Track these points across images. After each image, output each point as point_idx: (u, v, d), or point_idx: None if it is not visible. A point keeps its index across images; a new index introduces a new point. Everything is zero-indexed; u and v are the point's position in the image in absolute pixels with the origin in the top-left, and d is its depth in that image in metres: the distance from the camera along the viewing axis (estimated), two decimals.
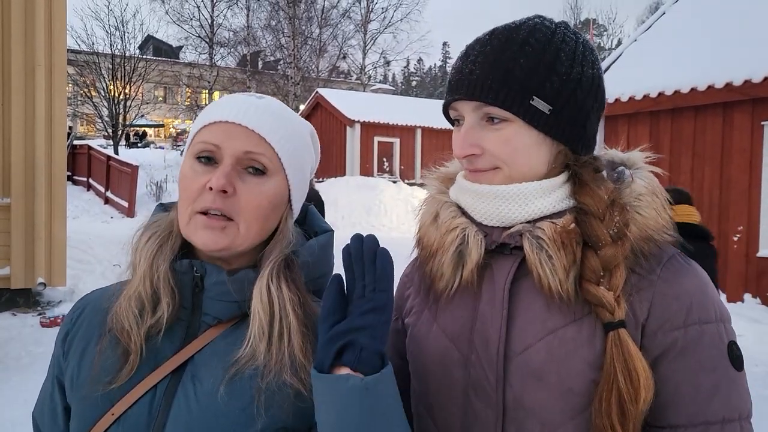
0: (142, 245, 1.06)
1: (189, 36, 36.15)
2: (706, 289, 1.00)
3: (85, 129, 39.90)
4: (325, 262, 1.12)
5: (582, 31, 60.59)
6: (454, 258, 1.08)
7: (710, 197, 8.52)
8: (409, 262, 1.29)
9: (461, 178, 1.14)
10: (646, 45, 10.18)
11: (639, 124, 9.37)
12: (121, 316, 1.02)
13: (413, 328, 1.17)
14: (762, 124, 7.98)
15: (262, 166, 1.02)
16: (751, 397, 1.01)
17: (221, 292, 1.02)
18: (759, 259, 8.02)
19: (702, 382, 0.94)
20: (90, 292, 1.18)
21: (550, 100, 1.02)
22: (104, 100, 29.80)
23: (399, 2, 39.24)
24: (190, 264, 1.03)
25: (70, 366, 1.07)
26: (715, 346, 0.96)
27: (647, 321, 0.97)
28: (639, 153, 1.11)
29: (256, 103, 1.05)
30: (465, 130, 1.06)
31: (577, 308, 0.99)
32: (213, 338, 1.02)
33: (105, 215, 18.28)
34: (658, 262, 1.00)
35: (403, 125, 24.52)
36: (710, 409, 0.94)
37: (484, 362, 1.02)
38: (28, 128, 7.50)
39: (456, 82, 1.07)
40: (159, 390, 0.99)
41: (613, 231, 0.99)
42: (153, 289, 1.02)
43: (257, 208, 1.01)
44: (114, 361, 1.01)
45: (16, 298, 7.67)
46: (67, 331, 1.11)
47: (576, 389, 0.97)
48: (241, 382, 0.97)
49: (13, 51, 7.40)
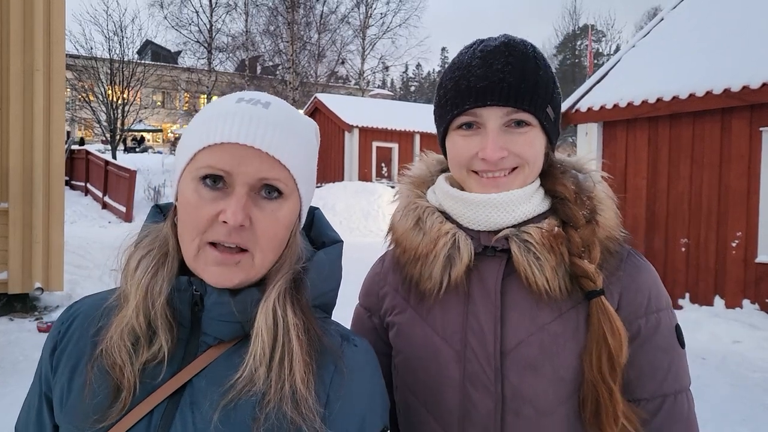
0: (132, 271, 0.96)
1: (187, 41, 36.28)
2: (657, 280, 1.18)
3: (83, 134, 39.91)
4: (333, 278, 1.06)
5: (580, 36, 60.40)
6: (444, 261, 1.16)
7: (709, 203, 8.52)
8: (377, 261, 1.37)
9: (445, 185, 1.23)
10: (644, 51, 10.19)
11: (637, 130, 9.38)
12: (112, 349, 0.93)
13: (399, 326, 1.25)
14: (760, 130, 7.98)
15: (277, 190, 0.94)
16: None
17: (223, 313, 0.93)
18: (758, 265, 8.01)
19: (660, 362, 1.12)
20: (80, 299, 1.08)
21: (554, 109, 1.17)
22: (102, 104, 29.82)
23: (398, 8, 39.47)
24: (189, 282, 0.95)
25: (59, 384, 0.98)
26: (668, 330, 1.14)
27: (618, 312, 1.12)
28: (587, 157, 1.27)
29: (266, 117, 0.94)
30: (494, 135, 1.12)
31: (561, 304, 1.12)
32: (213, 359, 0.94)
33: (103, 220, 18.27)
34: (620, 260, 1.16)
35: (401, 130, 24.57)
36: (666, 384, 1.12)
37: (481, 357, 1.12)
38: (26, 133, 7.49)
39: (483, 88, 1.11)
40: (155, 416, 0.91)
41: (586, 213, 1.15)
42: (148, 322, 0.94)
43: (274, 238, 0.94)
44: (104, 396, 0.92)
45: (14, 302, 7.64)
46: (54, 344, 1.02)
47: (567, 377, 1.10)
48: (239, 411, 0.89)
49: (12, 55, 7.40)
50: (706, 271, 8.52)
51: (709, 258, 8.50)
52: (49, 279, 7.73)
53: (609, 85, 9.90)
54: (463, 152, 1.16)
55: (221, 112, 0.95)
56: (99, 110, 29.93)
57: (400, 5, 39.71)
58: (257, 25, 36.39)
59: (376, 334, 1.31)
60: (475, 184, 1.17)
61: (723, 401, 5.11)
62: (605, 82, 10.07)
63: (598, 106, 9.56)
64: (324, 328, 0.99)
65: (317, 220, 1.11)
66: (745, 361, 6.29)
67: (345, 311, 1.40)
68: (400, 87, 79.52)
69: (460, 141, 1.16)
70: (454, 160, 1.19)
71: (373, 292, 1.33)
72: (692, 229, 8.69)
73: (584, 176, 1.21)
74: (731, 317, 7.91)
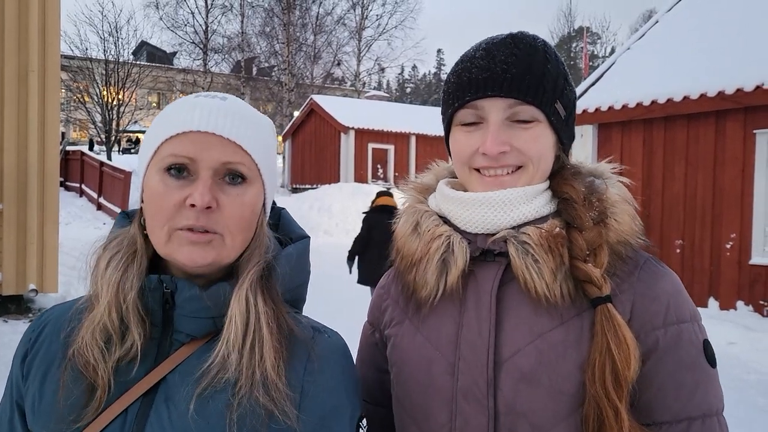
0: (101, 272, 0.97)
1: (183, 42, 36.24)
2: (680, 289, 1.05)
3: (78, 135, 39.81)
4: (302, 271, 1.07)
5: (576, 38, 60.57)
6: (439, 266, 1.09)
7: (703, 205, 8.55)
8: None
9: (444, 187, 1.17)
10: (639, 53, 10.23)
11: (632, 132, 9.40)
12: (84, 349, 0.93)
13: (395, 338, 1.18)
14: (754, 133, 8.02)
15: (241, 174, 0.97)
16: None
17: (195, 309, 0.95)
18: (752, 267, 8.04)
19: (683, 380, 0.99)
20: (50, 307, 1.08)
21: (565, 106, 1.10)
22: (97, 105, 29.73)
23: (394, 9, 39.51)
24: (159, 280, 0.95)
25: (30, 391, 0.98)
26: (692, 345, 1.01)
27: (630, 322, 1.00)
28: (606, 164, 1.16)
29: (225, 107, 0.98)
30: (496, 128, 1.06)
31: (563, 311, 1.02)
32: (186, 356, 0.95)
33: (98, 221, 18.20)
34: (635, 266, 1.05)
35: (397, 132, 24.58)
36: (691, 406, 0.98)
37: (473, 368, 1.04)
38: (20, 133, 7.46)
39: (484, 80, 1.06)
40: (130, 414, 0.91)
41: (594, 214, 1.05)
42: (120, 319, 0.94)
43: (241, 220, 0.96)
44: (78, 396, 0.92)
45: (8, 304, 7.60)
46: (25, 351, 1.02)
47: (566, 391, 0.99)
48: (214, 400, 0.90)
49: (6, 56, 7.37)
50: (700, 273, 8.55)
51: (703, 260, 8.53)
52: (43, 281, 7.70)
53: (604, 87, 9.93)
54: (464, 148, 1.10)
55: (182, 106, 0.99)
56: (94, 111, 29.84)
57: (396, 7, 39.83)
58: (253, 26, 36.44)
59: (376, 350, 1.25)
60: (477, 183, 1.10)
61: None
62: (600, 85, 10.10)
63: (593, 108, 9.58)
64: (295, 319, 1.01)
65: (284, 219, 1.13)
66: (740, 363, 6.30)
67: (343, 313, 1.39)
68: (396, 88, 79.57)
69: (462, 137, 1.10)
70: (456, 158, 1.13)
71: (377, 305, 1.27)
72: (687, 230, 8.72)
73: (600, 181, 1.12)
74: (726, 319, 7.94)
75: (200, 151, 0.94)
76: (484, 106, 1.07)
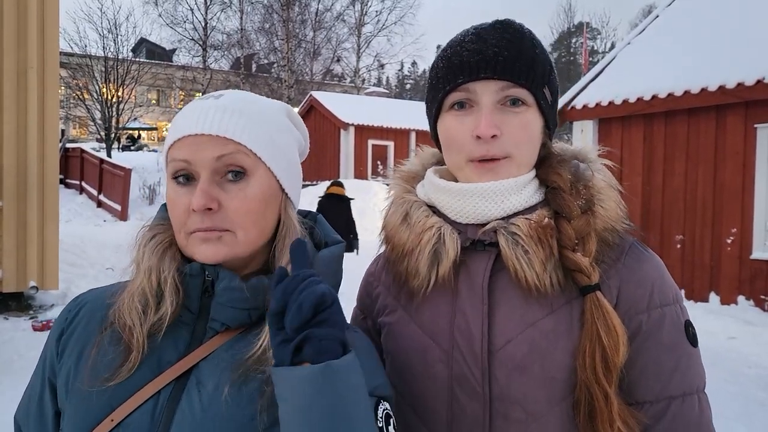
0: (146, 241, 1.03)
1: (182, 39, 36.18)
2: (663, 273, 1.09)
3: (78, 132, 39.78)
4: (335, 275, 1.08)
5: (575, 34, 60.42)
6: (430, 257, 1.11)
7: (704, 199, 8.55)
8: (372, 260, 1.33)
9: (433, 177, 1.18)
10: (639, 48, 10.21)
11: (633, 127, 9.39)
12: (124, 311, 0.99)
13: (389, 326, 1.20)
14: (755, 127, 8.01)
15: (240, 166, 0.98)
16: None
17: (233, 299, 0.98)
18: (752, 261, 8.04)
19: (664, 361, 1.03)
20: (87, 291, 1.12)
21: (552, 92, 1.12)
22: (97, 102, 29.69)
23: (393, 5, 39.47)
24: (202, 267, 0.99)
25: (65, 368, 1.01)
26: (675, 327, 1.05)
27: (616, 307, 1.04)
28: (590, 146, 1.18)
29: (216, 106, 1.00)
30: (488, 110, 1.06)
31: (553, 300, 1.05)
32: (219, 345, 0.98)
33: (98, 218, 18.22)
34: (621, 252, 1.08)
35: (397, 128, 24.57)
36: (672, 385, 1.02)
37: (468, 357, 1.06)
38: (20, 131, 7.45)
39: (476, 62, 1.06)
40: (162, 397, 0.94)
41: (582, 202, 1.07)
42: (158, 284, 0.99)
43: (248, 214, 0.98)
44: (114, 356, 0.97)
45: (8, 301, 7.61)
46: (61, 330, 1.06)
47: (558, 377, 1.03)
48: (247, 387, 0.93)
49: (5, 53, 7.36)
50: (701, 268, 8.55)
51: (704, 254, 8.52)
52: (44, 278, 7.71)
53: (604, 82, 9.92)
54: (457, 134, 1.09)
55: (183, 112, 1.03)
56: (94, 108, 29.81)
57: (396, 3, 39.85)
58: (252, 22, 36.37)
59: (369, 337, 1.26)
60: (472, 172, 1.10)
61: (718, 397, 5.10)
62: (600, 80, 10.08)
63: (594, 103, 9.57)
64: None
65: (319, 224, 1.14)
66: (740, 357, 6.30)
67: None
68: (396, 85, 79.47)
69: (453, 122, 1.10)
70: (447, 145, 1.13)
71: (367, 292, 1.29)
72: (687, 225, 8.72)
73: (584, 166, 1.13)
74: (726, 313, 7.95)
75: (194, 153, 0.98)
76: (476, 89, 1.07)
